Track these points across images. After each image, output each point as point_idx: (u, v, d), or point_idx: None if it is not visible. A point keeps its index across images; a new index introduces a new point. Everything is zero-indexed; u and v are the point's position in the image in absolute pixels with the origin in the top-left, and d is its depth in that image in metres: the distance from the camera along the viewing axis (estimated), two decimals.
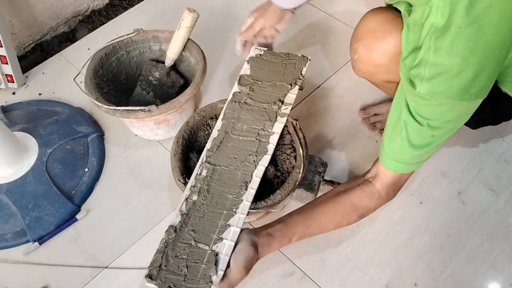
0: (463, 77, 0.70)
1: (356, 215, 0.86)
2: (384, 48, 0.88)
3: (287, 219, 0.83)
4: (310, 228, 0.83)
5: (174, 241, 0.79)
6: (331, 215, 0.85)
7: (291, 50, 1.36)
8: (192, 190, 0.86)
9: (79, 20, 1.54)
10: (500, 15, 0.68)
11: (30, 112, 1.27)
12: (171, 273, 0.76)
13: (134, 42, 1.22)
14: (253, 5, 1.51)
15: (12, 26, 1.38)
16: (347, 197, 0.86)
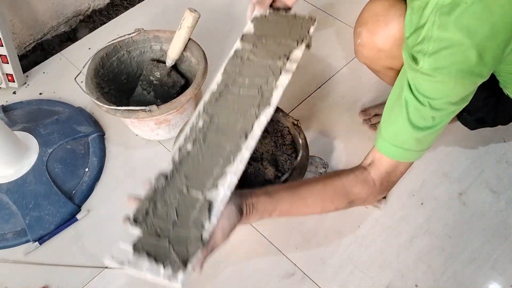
0: (467, 54, 0.69)
1: (345, 200, 0.81)
2: (387, 33, 0.87)
3: (274, 193, 0.77)
4: (294, 206, 0.79)
5: (164, 188, 0.72)
6: (319, 196, 0.80)
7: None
8: (186, 140, 0.78)
9: (80, 20, 1.54)
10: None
11: (30, 111, 1.27)
12: (158, 219, 0.68)
13: (135, 42, 1.21)
14: None
15: (13, 26, 1.38)
16: (339, 180, 0.81)
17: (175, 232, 0.67)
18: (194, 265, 0.64)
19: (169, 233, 0.67)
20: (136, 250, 0.66)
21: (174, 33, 1.17)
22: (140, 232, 0.68)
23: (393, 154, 0.79)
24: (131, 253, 0.66)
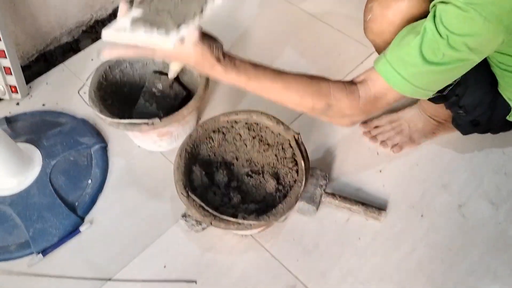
0: (502, 2, 0.69)
1: (324, 101, 0.79)
2: (399, 6, 0.85)
3: (260, 66, 0.77)
4: (274, 85, 0.78)
5: None
6: (302, 86, 0.80)
7: (295, 62, 1.38)
8: None
9: (83, 31, 1.56)
10: None
11: (33, 123, 1.28)
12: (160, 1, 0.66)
13: None
14: (255, 16, 1.53)
15: (16, 37, 1.39)
16: (326, 82, 0.81)
17: (176, 10, 0.66)
18: (188, 31, 0.65)
19: (170, 10, 0.66)
20: (134, 22, 0.65)
21: None
22: (141, 13, 0.66)
23: (389, 76, 0.78)
24: (129, 23, 0.65)
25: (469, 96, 0.97)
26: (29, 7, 1.38)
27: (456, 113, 1.04)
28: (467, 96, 0.97)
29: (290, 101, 0.81)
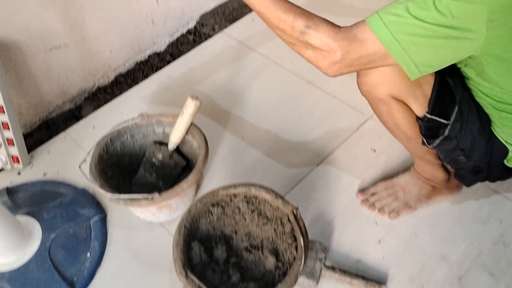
0: None
1: (304, 22, 0.82)
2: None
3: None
4: (277, 5, 0.83)
5: None
6: (289, 5, 0.84)
7: (291, 129, 1.41)
8: None
9: (85, 98, 1.60)
10: None
11: (34, 193, 1.29)
12: None
13: (139, 126, 1.26)
14: (253, 82, 1.58)
15: (20, 107, 1.43)
16: (312, 13, 0.84)
17: None
18: None
19: None
20: None
21: (176, 118, 1.22)
22: None
23: (371, 21, 0.79)
24: None
25: (466, 136, 0.99)
26: (34, 79, 1.42)
27: (457, 161, 1.05)
28: (464, 136, 0.99)
29: (273, 15, 0.84)
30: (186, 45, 1.77)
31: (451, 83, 0.97)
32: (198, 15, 1.82)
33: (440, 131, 0.99)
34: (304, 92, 1.54)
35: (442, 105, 0.96)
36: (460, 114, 0.97)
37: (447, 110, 0.97)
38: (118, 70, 1.65)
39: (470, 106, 0.99)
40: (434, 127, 0.98)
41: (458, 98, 0.97)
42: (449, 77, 0.97)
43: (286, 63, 1.63)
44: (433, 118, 0.96)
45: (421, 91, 0.95)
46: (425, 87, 0.95)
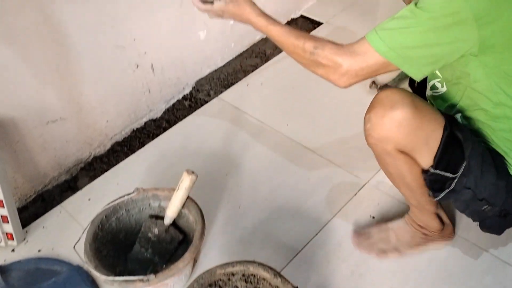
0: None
1: (313, 44, 0.95)
2: (394, 115, 0.95)
3: (276, 21, 1.01)
4: (282, 30, 0.99)
5: None
6: (299, 32, 0.99)
7: (288, 196, 1.39)
8: None
9: (81, 168, 1.59)
10: None
11: (28, 272, 1.26)
12: None
13: (134, 201, 1.25)
14: (249, 148, 1.58)
15: (15, 181, 1.42)
16: (322, 40, 0.97)
17: None
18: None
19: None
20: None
21: (172, 191, 1.21)
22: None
23: (370, 36, 0.91)
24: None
25: (482, 186, 1.00)
26: (30, 153, 1.42)
27: (481, 212, 1.05)
28: (480, 187, 1.00)
29: (289, 42, 0.99)
30: (182, 111, 1.79)
31: (461, 137, 0.99)
32: (194, 81, 1.85)
33: (446, 184, 1.00)
34: (300, 157, 1.54)
35: (450, 159, 0.98)
36: (469, 167, 0.98)
37: (455, 164, 0.99)
38: (115, 139, 1.66)
39: (483, 157, 1.00)
40: (439, 180, 1.00)
41: (467, 153, 0.98)
42: (458, 132, 0.99)
43: (282, 127, 1.65)
44: (437, 172, 0.99)
45: (427, 147, 0.98)
46: (432, 142, 0.98)
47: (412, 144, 0.98)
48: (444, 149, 0.97)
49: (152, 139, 1.67)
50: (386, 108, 0.96)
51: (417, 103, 0.97)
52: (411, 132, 0.95)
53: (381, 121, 0.97)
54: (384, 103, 0.97)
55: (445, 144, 0.97)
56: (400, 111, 0.94)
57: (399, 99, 0.96)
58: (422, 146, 0.98)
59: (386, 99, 0.97)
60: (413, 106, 0.95)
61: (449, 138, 0.98)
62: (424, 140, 0.97)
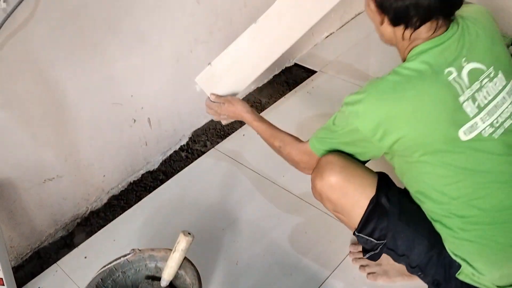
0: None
1: (281, 142, 1.24)
2: (322, 181, 1.11)
3: (264, 120, 1.31)
4: (264, 133, 1.29)
5: None
6: (273, 134, 1.27)
7: (284, 252, 1.37)
8: None
9: (78, 223, 1.59)
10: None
11: None
12: None
13: (131, 262, 1.24)
14: (245, 200, 1.58)
15: (11, 240, 1.42)
16: (286, 135, 1.25)
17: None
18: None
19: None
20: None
21: (168, 251, 1.20)
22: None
23: (310, 141, 1.15)
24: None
25: (415, 255, 1.08)
26: (26, 211, 1.42)
27: (418, 275, 1.13)
28: (413, 255, 1.08)
29: (265, 138, 1.29)
30: (179, 162, 1.80)
31: (388, 208, 1.08)
32: (190, 132, 1.87)
33: (374, 246, 1.12)
34: (296, 209, 1.54)
35: (375, 227, 1.09)
36: (397, 236, 1.08)
37: (380, 231, 1.09)
38: (111, 193, 1.67)
39: (417, 227, 1.08)
40: (367, 242, 1.12)
41: (391, 224, 1.08)
42: (387, 201, 1.08)
43: (278, 178, 1.65)
44: (361, 235, 1.11)
45: (354, 212, 1.10)
46: (357, 209, 1.09)
47: (341, 207, 1.12)
48: (369, 217, 1.09)
49: (149, 192, 1.67)
50: (318, 174, 1.12)
51: (348, 170, 1.09)
52: (338, 197, 1.11)
53: (314, 183, 1.14)
54: (319, 168, 1.12)
55: (370, 213, 1.08)
56: (327, 178, 1.10)
57: (330, 166, 1.10)
58: (350, 211, 1.11)
59: (321, 165, 1.12)
60: (340, 174, 1.08)
61: (376, 208, 1.08)
62: (350, 206, 1.11)
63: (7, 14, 1.12)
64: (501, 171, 0.99)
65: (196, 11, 1.64)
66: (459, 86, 0.96)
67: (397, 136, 0.97)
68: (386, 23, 1.02)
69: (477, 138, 0.96)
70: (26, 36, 1.20)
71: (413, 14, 0.95)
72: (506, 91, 1.00)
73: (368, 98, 0.98)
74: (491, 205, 0.99)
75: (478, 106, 0.97)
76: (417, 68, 0.96)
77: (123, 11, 1.41)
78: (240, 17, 1.83)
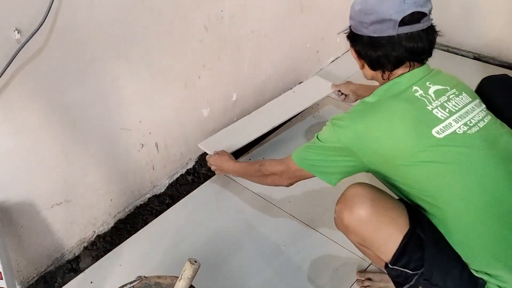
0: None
1: (260, 165, 1.39)
2: (351, 215, 1.07)
3: (242, 164, 1.54)
4: (245, 167, 1.50)
5: None
6: (251, 166, 1.45)
7: (290, 280, 1.42)
8: None
9: (84, 247, 1.59)
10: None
11: None
12: None
13: None
14: (251, 227, 1.57)
15: (18, 264, 1.42)
16: (266, 161, 1.39)
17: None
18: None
19: None
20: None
21: (174, 279, 1.20)
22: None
23: (293, 156, 1.23)
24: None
25: (450, 281, 1.02)
26: (34, 236, 1.43)
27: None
28: (448, 282, 1.02)
29: (247, 169, 1.48)
30: (185, 186, 1.81)
31: (423, 237, 1.03)
32: (197, 156, 1.88)
33: (408, 279, 1.05)
34: (302, 236, 1.54)
35: (410, 259, 1.03)
36: (432, 265, 1.02)
37: (415, 262, 1.03)
38: (118, 217, 1.67)
39: (448, 252, 1.03)
40: (400, 275, 1.05)
41: (426, 255, 1.02)
42: (421, 231, 1.04)
43: (284, 204, 1.66)
44: (395, 268, 1.05)
45: (385, 247, 1.05)
46: (390, 243, 1.04)
47: (371, 242, 1.07)
48: (404, 249, 1.03)
49: (155, 216, 1.68)
50: (347, 207, 1.08)
51: (379, 203, 1.06)
52: (369, 232, 1.06)
53: (341, 216, 1.09)
54: (347, 201, 1.09)
55: (404, 246, 1.03)
56: (357, 212, 1.05)
57: (361, 200, 1.06)
58: (381, 245, 1.06)
59: (349, 197, 1.09)
60: (371, 207, 1.04)
61: (412, 239, 1.03)
62: (382, 240, 1.05)
63: (21, 44, 1.14)
64: (481, 162, 1.01)
65: (204, 38, 1.67)
66: (427, 99, 1.06)
67: (376, 144, 1.04)
68: (366, 67, 1.18)
69: (451, 136, 1.01)
70: (38, 65, 1.23)
71: (385, 62, 1.11)
72: (473, 104, 1.09)
73: (349, 114, 1.10)
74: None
75: (449, 111, 1.04)
76: (389, 89, 1.10)
77: (134, 40, 1.43)
78: (247, 43, 1.85)
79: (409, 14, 1.05)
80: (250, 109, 2.01)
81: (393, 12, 1.05)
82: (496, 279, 1.00)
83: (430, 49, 1.11)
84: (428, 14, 1.09)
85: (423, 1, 1.07)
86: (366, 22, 1.10)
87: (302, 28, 2.10)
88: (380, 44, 1.09)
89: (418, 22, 1.07)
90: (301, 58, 2.19)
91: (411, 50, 1.08)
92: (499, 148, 1.03)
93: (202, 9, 1.61)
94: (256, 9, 1.83)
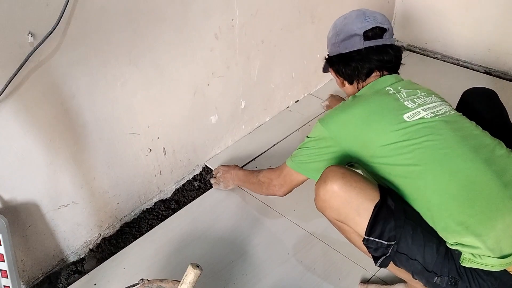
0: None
1: (257, 175, 1.53)
2: (324, 188, 1.16)
3: (247, 173, 1.65)
4: (246, 183, 1.65)
5: None
6: (253, 176, 1.57)
7: (292, 282, 1.41)
8: None
9: (89, 249, 1.61)
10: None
11: None
12: None
13: None
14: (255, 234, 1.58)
15: (24, 264, 1.44)
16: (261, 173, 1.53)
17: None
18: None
19: None
20: None
21: (176, 283, 1.21)
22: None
23: (288, 162, 1.36)
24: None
25: (430, 258, 1.08)
26: (40, 236, 1.45)
27: (435, 284, 1.10)
28: (428, 259, 1.08)
29: (248, 177, 1.61)
30: (191, 192, 1.82)
31: (392, 206, 1.10)
32: (204, 162, 1.90)
33: (385, 251, 1.11)
34: (305, 244, 1.54)
35: (384, 226, 1.10)
36: (406, 237, 1.09)
37: (389, 231, 1.10)
38: (124, 220, 1.69)
39: (422, 226, 1.10)
40: (377, 248, 1.11)
41: (399, 223, 1.09)
42: (392, 202, 1.11)
43: (289, 212, 1.66)
44: (371, 239, 1.11)
45: (359, 217, 1.12)
46: (363, 213, 1.12)
47: (346, 213, 1.15)
48: (376, 218, 1.10)
49: (161, 220, 1.69)
50: (321, 184, 1.17)
51: (350, 177, 1.15)
52: (342, 203, 1.14)
53: (318, 192, 1.19)
54: (322, 178, 1.19)
55: (377, 214, 1.10)
56: (330, 185, 1.15)
57: (333, 174, 1.16)
58: (354, 216, 1.13)
59: (324, 175, 1.19)
60: (342, 179, 1.14)
61: (382, 208, 1.10)
62: (355, 211, 1.13)
63: (34, 48, 1.17)
64: (449, 140, 1.13)
65: (214, 46, 1.69)
66: (399, 96, 1.21)
67: (356, 129, 1.19)
68: (346, 83, 1.36)
69: (420, 119, 1.15)
70: (50, 68, 1.25)
71: (358, 72, 1.30)
72: (442, 102, 1.24)
73: (333, 110, 1.26)
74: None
75: (418, 104, 1.19)
76: (366, 92, 1.27)
77: (146, 47, 1.46)
78: (257, 52, 1.87)
79: (370, 29, 1.27)
80: (259, 117, 2.03)
81: (357, 28, 1.28)
82: (469, 247, 1.04)
83: (398, 61, 1.31)
84: (388, 30, 1.29)
85: (381, 19, 1.29)
86: (338, 42, 1.32)
87: (312, 38, 2.11)
88: (351, 58, 1.29)
89: (381, 37, 1.28)
90: (310, 67, 2.20)
91: (379, 61, 1.27)
92: (464, 131, 1.15)
93: (213, 18, 1.63)
94: (267, 19, 1.85)
